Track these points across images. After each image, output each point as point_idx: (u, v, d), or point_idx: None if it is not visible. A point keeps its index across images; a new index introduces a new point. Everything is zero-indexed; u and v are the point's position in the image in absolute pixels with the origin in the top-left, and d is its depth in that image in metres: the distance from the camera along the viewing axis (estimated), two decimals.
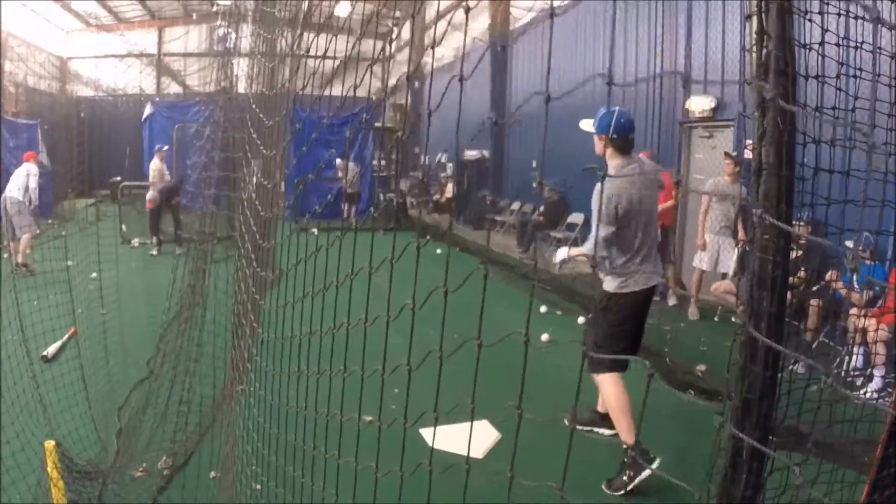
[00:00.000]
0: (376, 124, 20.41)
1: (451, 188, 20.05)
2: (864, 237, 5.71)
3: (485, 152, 18.47)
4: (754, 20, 1.73)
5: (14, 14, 19.22)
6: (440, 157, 22.52)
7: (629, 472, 4.35)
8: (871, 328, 5.63)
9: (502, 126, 17.42)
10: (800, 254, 6.58)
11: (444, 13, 16.62)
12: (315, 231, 2.57)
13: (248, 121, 4.00)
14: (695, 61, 10.31)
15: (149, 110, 21.80)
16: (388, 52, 27.04)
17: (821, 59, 2.46)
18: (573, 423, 1.59)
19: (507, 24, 17.40)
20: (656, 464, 4.26)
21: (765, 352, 1.73)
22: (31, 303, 5.39)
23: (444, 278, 1.65)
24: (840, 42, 2.67)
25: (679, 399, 5.74)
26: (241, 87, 4.60)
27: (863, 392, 5.11)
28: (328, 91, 2.43)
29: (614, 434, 4.83)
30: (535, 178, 14.46)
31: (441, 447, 3.97)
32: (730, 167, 8.40)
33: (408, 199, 21.21)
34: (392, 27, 24.72)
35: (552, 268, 4.95)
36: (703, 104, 10.07)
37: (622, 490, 4.31)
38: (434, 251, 1.87)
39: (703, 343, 7.58)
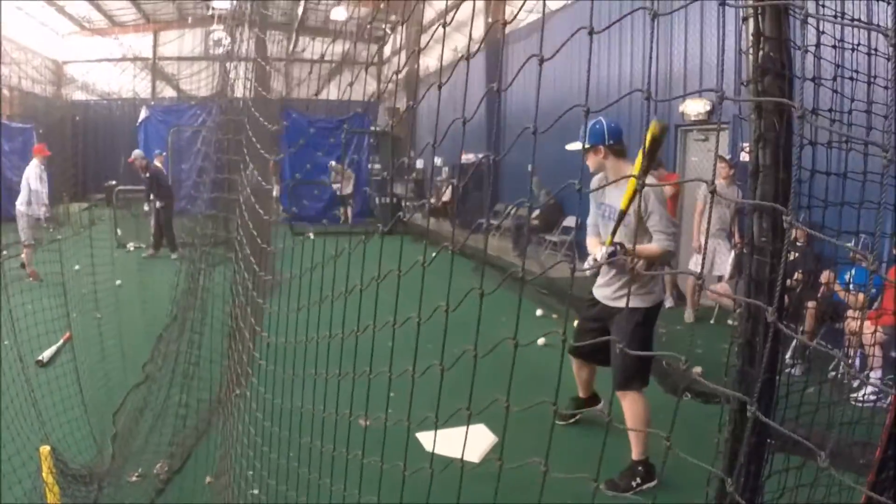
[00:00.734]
0: (371, 128, 20.41)
1: (448, 192, 20.05)
2: (863, 239, 5.71)
3: (481, 156, 18.46)
4: (751, 22, 1.73)
5: (9, 17, 19.18)
6: (437, 160, 22.53)
7: (639, 479, 4.38)
8: (868, 330, 5.63)
9: (498, 129, 17.44)
10: (796, 256, 6.58)
11: (438, 18, 16.63)
12: (311, 235, 2.56)
13: (245, 124, 3.99)
14: (690, 63, 10.32)
15: (144, 114, 21.75)
16: (380, 56, 27.08)
17: (817, 61, 2.46)
18: (561, 419, 1.57)
19: (505, 27, 17.37)
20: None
21: (763, 355, 1.73)
22: (25, 307, 5.36)
23: (443, 286, 1.65)
24: (836, 44, 2.68)
25: (675, 401, 5.73)
26: (238, 90, 4.59)
27: (861, 394, 5.10)
28: (323, 95, 2.42)
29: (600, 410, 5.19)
30: (534, 190, 14.43)
31: (438, 451, 3.97)
32: (725, 170, 8.40)
33: (404, 202, 21.19)
34: (387, 32, 24.72)
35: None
36: (697, 107, 10.08)
37: (622, 494, 4.32)
38: (429, 255, 1.86)
39: (699, 345, 7.58)
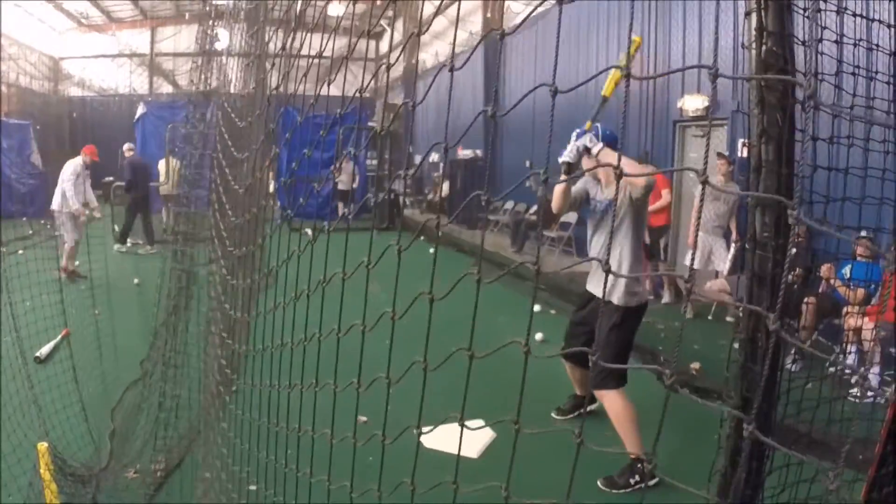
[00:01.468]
0: (369, 124, 20.38)
1: (445, 187, 20.04)
2: (863, 234, 5.72)
3: (478, 151, 18.45)
4: (753, 16, 1.72)
5: (7, 14, 19.13)
6: (433, 155, 22.51)
7: (637, 476, 4.38)
8: (867, 326, 5.63)
9: (496, 124, 17.42)
10: (795, 252, 6.57)
11: (434, 14, 16.59)
12: (308, 231, 2.54)
13: (241, 120, 3.97)
14: (688, 60, 10.31)
15: (141, 110, 21.71)
16: (378, 51, 27.06)
17: (819, 56, 2.45)
18: (560, 415, 1.55)
19: (502, 21, 17.39)
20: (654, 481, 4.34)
21: (764, 350, 1.72)
22: (23, 303, 5.35)
23: (438, 281, 1.63)
24: (839, 39, 2.67)
25: (675, 398, 5.72)
26: (233, 87, 4.57)
27: (858, 390, 5.10)
28: (320, 91, 2.40)
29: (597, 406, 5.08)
30: (533, 184, 14.42)
31: (435, 447, 3.97)
32: (723, 167, 8.41)
33: (401, 198, 21.18)
34: (384, 27, 24.68)
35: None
36: (696, 103, 10.08)
37: (621, 490, 4.32)
38: (427, 251, 1.84)
39: (697, 342, 7.58)
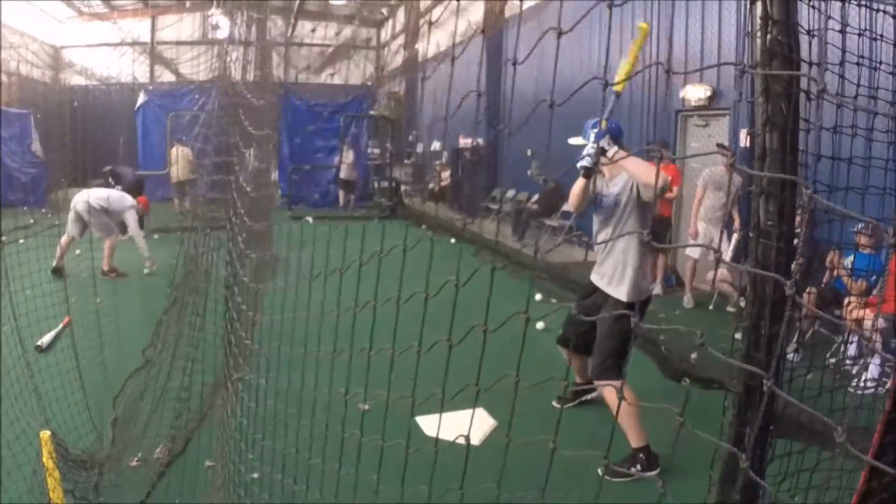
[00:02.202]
0: (371, 112, 20.35)
1: (447, 176, 20.02)
2: (861, 226, 5.72)
3: (479, 140, 18.42)
4: (758, 5, 1.71)
5: (7, 2, 19.08)
6: (435, 144, 22.50)
7: (639, 465, 4.40)
8: (868, 317, 5.63)
9: (496, 114, 17.42)
10: (797, 241, 6.56)
11: (436, 3, 16.54)
12: (310, 219, 2.54)
13: (241, 108, 3.98)
14: (691, 49, 10.29)
15: (142, 99, 21.68)
16: (379, 40, 26.97)
17: (824, 45, 2.44)
18: (560, 402, 1.55)
19: (504, 11, 17.34)
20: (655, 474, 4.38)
21: (767, 338, 1.72)
22: (24, 292, 5.35)
23: (443, 268, 1.64)
24: (843, 29, 2.66)
25: (677, 387, 5.74)
26: (237, 74, 4.56)
27: (861, 380, 5.11)
28: (322, 79, 2.40)
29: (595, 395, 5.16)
30: (533, 173, 14.44)
31: (437, 435, 3.97)
32: (727, 157, 8.39)
33: (403, 187, 21.18)
34: (386, 15, 24.62)
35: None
36: (698, 93, 10.06)
37: (620, 479, 4.33)
38: (429, 237, 1.85)
39: (698, 331, 7.58)
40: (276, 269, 6.01)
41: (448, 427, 2.03)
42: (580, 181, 4.45)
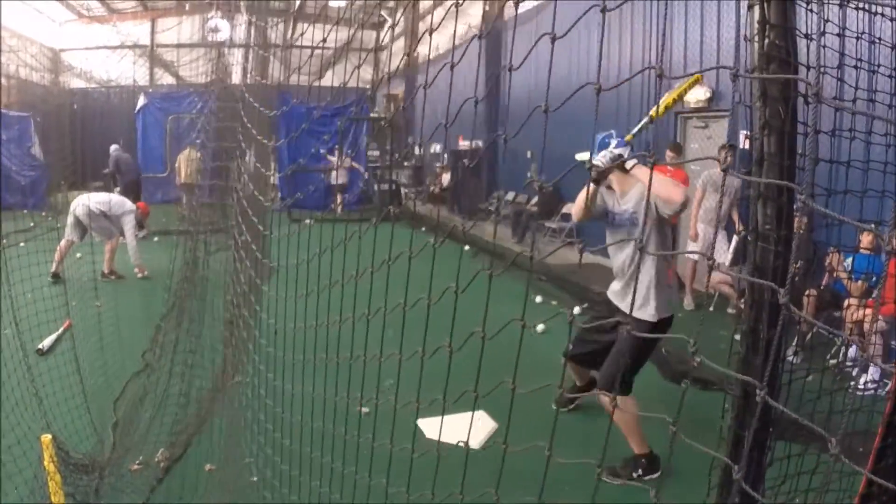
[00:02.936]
0: (370, 115, 20.35)
1: (446, 178, 20.01)
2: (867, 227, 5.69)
3: (478, 142, 18.42)
4: (756, 9, 1.72)
5: (6, 5, 19.08)
6: (434, 146, 22.50)
7: (640, 470, 4.40)
8: (868, 319, 5.63)
9: (496, 116, 17.42)
10: (797, 244, 6.56)
11: (436, 5, 16.51)
12: (309, 221, 2.55)
13: (242, 111, 3.98)
14: (690, 52, 10.30)
15: (142, 102, 21.68)
16: (380, 42, 26.97)
17: (822, 49, 2.44)
18: (560, 406, 1.56)
19: (502, 13, 17.35)
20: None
21: (765, 342, 1.73)
22: (25, 295, 5.35)
23: (441, 273, 1.64)
24: (841, 32, 2.66)
25: (677, 390, 5.75)
26: (236, 77, 4.57)
27: (861, 382, 5.11)
28: (320, 82, 2.40)
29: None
30: (530, 178, 14.44)
31: (437, 437, 3.98)
32: (728, 158, 8.38)
33: (402, 189, 21.18)
34: (385, 17, 24.62)
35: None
36: (698, 94, 10.07)
37: (620, 482, 4.33)
38: (429, 241, 1.85)
39: (698, 333, 7.57)
40: (275, 273, 6.02)
41: (449, 429, 2.03)
42: (584, 191, 4.33)
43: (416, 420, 4.51)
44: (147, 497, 4.04)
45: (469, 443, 1.91)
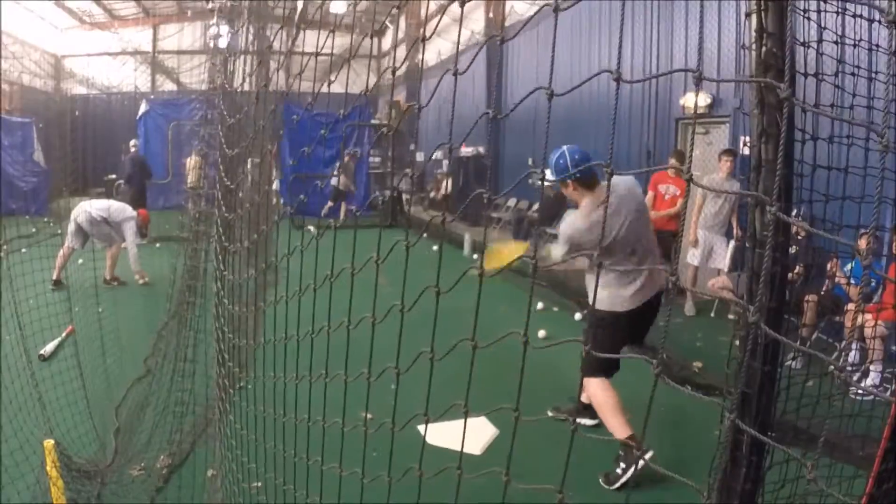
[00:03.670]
0: (372, 121, 20.39)
1: (447, 185, 20.02)
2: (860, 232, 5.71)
3: (480, 149, 18.46)
4: (753, 18, 1.74)
5: (8, 11, 19.15)
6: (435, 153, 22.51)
7: (622, 464, 4.37)
8: (868, 324, 5.65)
9: (497, 122, 17.41)
10: (796, 249, 6.58)
11: (438, 12, 16.59)
12: (312, 228, 2.57)
13: (244, 117, 3.99)
14: (690, 58, 10.33)
15: (143, 108, 21.72)
16: (380, 49, 27.06)
17: (819, 56, 2.47)
18: (556, 414, 1.59)
19: (504, 20, 17.41)
20: (649, 455, 4.27)
21: (764, 347, 1.74)
22: (27, 301, 5.37)
23: (439, 278, 1.66)
24: (838, 40, 2.68)
25: (676, 395, 5.75)
26: (237, 83, 4.59)
27: (861, 387, 5.12)
28: (323, 89, 2.42)
29: (595, 424, 4.92)
30: (534, 178, 14.48)
31: (438, 444, 3.98)
32: (727, 165, 8.41)
33: (404, 196, 21.19)
34: (386, 24, 24.67)
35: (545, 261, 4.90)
36: (699, 101, 10.10)
37: (617, 483, 4.32)
38: (431, 248, 1.86)
39: (699, 338, 7.60)
40: (277, 279, 6.04)
41: (450, 435, 2.04)
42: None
43: (417, 427, 4.52)
44: (149, 502, 4.05)
45: (470, 449, 1.92)
